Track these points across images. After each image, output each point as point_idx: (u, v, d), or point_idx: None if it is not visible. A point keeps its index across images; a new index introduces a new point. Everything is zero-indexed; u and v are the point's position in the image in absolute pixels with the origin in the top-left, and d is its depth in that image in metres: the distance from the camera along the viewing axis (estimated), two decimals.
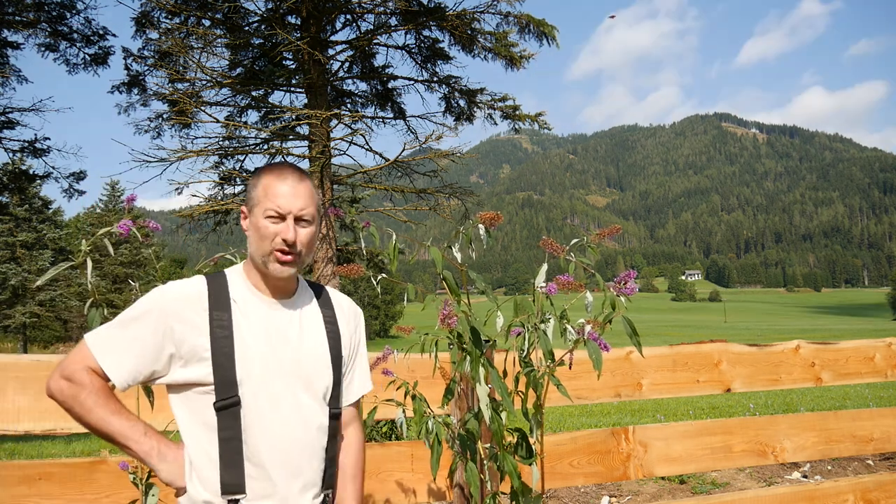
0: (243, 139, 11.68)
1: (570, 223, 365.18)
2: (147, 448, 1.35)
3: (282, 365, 1.44)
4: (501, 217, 1.49)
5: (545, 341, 1.47)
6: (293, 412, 1.44)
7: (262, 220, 1.43)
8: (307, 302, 1.56)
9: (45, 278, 1.46)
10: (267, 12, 10.56)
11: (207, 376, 1.37)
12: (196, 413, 1.39)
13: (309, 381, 1.47)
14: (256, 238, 1.44)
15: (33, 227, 32.33)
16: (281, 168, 1.47)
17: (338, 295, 1.64)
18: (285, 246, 1.42)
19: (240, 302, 1.44)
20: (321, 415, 1.49)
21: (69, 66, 13.13)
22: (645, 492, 4.65)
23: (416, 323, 5.66)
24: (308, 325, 1.52)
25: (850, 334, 49.91)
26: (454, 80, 11.82)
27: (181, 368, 1.39)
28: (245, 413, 1.38)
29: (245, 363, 1.39)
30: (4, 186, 13.89)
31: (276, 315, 1.48)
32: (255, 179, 1.48)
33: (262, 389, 1.40)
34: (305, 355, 1.48)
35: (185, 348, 1.37)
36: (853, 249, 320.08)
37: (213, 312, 1.40)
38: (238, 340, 1.40)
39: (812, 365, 2.75)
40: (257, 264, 1.46)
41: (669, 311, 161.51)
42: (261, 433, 1.39)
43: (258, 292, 1.48)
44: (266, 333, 1.44)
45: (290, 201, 1.43)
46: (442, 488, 2.18)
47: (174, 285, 1.43)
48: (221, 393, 1.37)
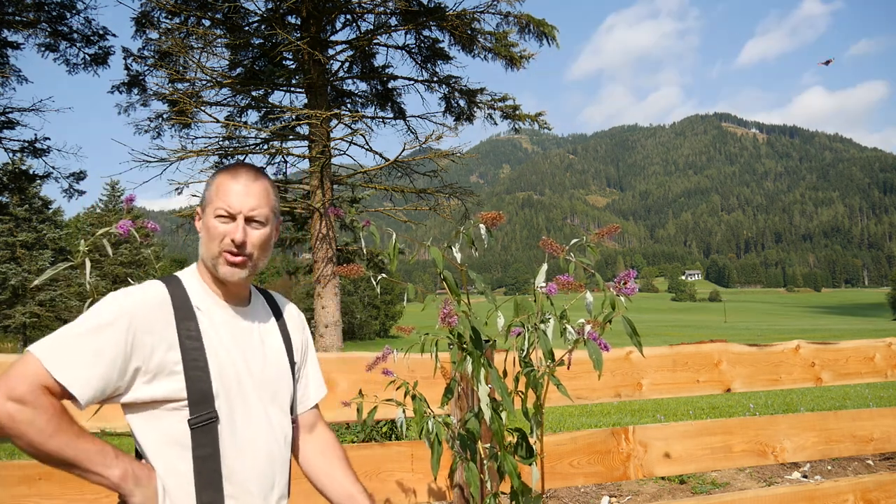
0: (243, 139, 11.69)
1: (570, 223, 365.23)
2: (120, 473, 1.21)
3: (252, 376, 1.38)
4: (503, 217, 1.49)
5: (545, 341, 1.47)
6: (266, 425, 1.39)
7: (211, 219, 1.36)
8: (262, 309, 1.51)
9: (42, 278, 1.44)
10: (267, 12, 10.57)
11: (179, 391, 1.27)
12: (165, 432, 1.28)
13: (275, 393, 1.43)
14: (206, 239, 1.37)
15: (33, 227, 32.34)
16: (236, 167, 1.41)
17: (283, 300, 1.61)
18: (233, 247, 1.34)
19: (204, 310, 1.36)
20: (287, 426, 1.46)
21: (69, 66, 13.14)
22: (645, 492, 4.65)
23: (416, 323, 5.66)
24: (267, 333, 1.48)
25: (850, 334, 49.92)
26: (454, 80, 11.83)
27: (146, 385, 1.27)
28: (222, 429, 1.30)
29: (220, 376, 1.31)
30: (4, 186, 13.89)
31: (240, 324, 1.42)
32: (212, 178, 1.42)
33: (237, 403, 1.34)
34: (269, 365, 1.43)
35: (154, 362, 1.26)
36: (853, 249, 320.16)
37: (179, 322, 1.30)
38: (210, 352, 1.32)
39: (812, 365, 2.75)
40: (208, 267, 1.38)
41: (669, 311, 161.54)
42: (239, 450, 1.32)
43: (219, 299, 1.41)
44: (235, 343, 1.38)
45: (240, 200, 1.36)
46: (442, 488, 2.18)
47: (137, 291, 1.31)
48: (197, 409, 1.28)
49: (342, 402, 1.73)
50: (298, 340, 1.56)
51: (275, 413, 1.42)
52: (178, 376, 1.27)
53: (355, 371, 2.10)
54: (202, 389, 1.28)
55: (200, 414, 1.28)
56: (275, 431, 1.41)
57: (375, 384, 2.06)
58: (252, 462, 1.34)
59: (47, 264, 30.29)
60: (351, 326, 55.05)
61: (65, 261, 1.47)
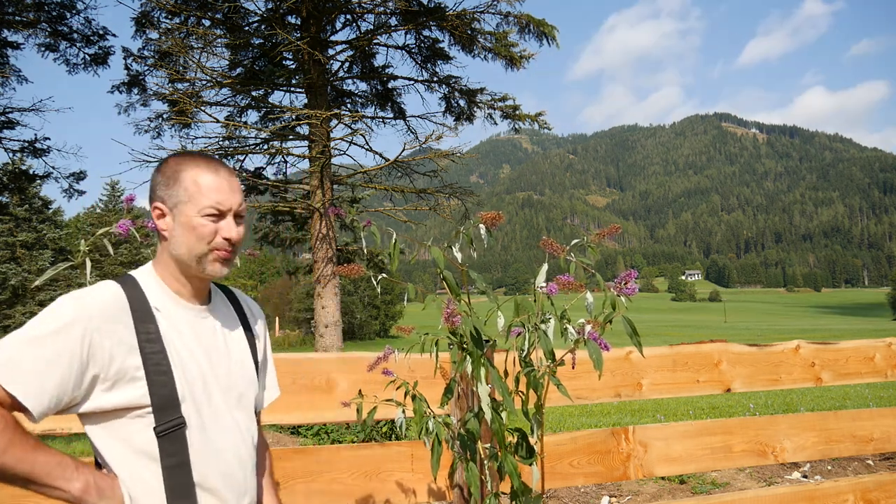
0: (243, 139, 11.69)
1: (570, 223, 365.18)
2: (81, 485, 1.14)
3: (218, 379, 1.33)
4: (503, 217, 1.49)
5: (545, 341, 1.47)
6: (234, 429, 1.34)
7: (197, 218, 1.28)
8: (224, 307, 1.45)
9: (43, 278, 1.43)
10: (267, 12, 10.57)
11: (142, 398, 1.20)
12: (128, 441, 1.21)
13: (240, 394, 1.38)
14: (191, 238, 1.28)
15: (33, 227, 32.33)
16: (208, 160, 1.33)
17: (244, 296, 1.55)
18: (228, 245, 1.30)
19: (163, 310, 1.29)
20: (254, 428, 1.42)
21: (69, 66, 13.13)
22: (645, 492, 4.65)
23: (417, 323, 5.65)
24: (230, 332, 1.42)
25: (850, 334, 49.90)
26: (454, 80, 11.83)
27: (105, 393, 1.19)
28: (191, 435, 1.24)
29: (185, 380, 1.25)
30: (4, 186, 13.88)
31: (202, 323, 1.36)
32: (175, 172, 1.31)
33: (204, 407, 1.28)
34: (235, 366, 1.38)
35: (113, 369, 1.19)
36: (853, 249, 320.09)
37: (138, 324, 1.23)
38: (173, 355, 1.25)
39: (812, 365, 2.75)
40: (187, 267, 1.31)
41: (669, 311, 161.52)
42: (209, 456, 1.27)
43: (179, 299, 1.33)
44: (199, 344, 1.32)
45: (228, 197, 1.30)
46: (442, 488, 2.18)
47: (92, 293, 1.23)
48: (163, 416, 1.21)
49: (342, 403, 1.73)
50: (262, 340, 1.52)
51: (241, 416, 1.37)
52: (140, 382, 1.20)
53: (355, 371, 2.10)
54: (167, 395, 1.22)
55: (167, 421, 1.21)
56: (243, 435, 1.36)
57: (375, 384, 2.06)
58: (224, 468, 1.29)
59: (47, 264, 30.29)
60: (351, 326, 55.04)
61: (65, 261, 1.45)
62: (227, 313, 1.44)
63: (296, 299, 58.56)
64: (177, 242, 1.30)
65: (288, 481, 2.00)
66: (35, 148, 13.14)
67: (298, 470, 2.02)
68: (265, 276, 77.46)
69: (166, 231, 1.32)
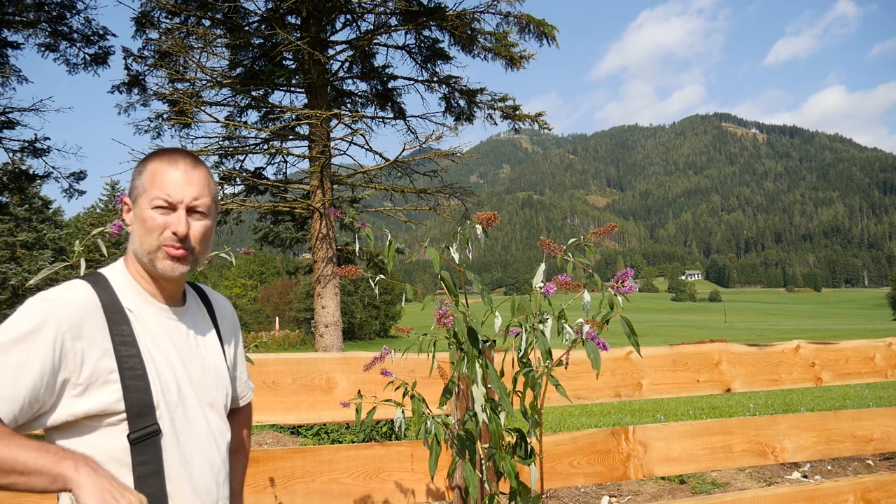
0: (243, 139, 11.69)
1: (570, 223, 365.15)
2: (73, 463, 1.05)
3: (192, 383, 1.28)
4: (498, 217, 1.48)
5: (543, 341, 1.47)
6: (207, 435, 1.29)
7: (148, 210, 1.22)
8: (197, 309, 1.40)
9: (37, 278, 1.42)
10: (267, 12, 10.57)
11: (115, 404, 1.14)
12: (98, 449, 1.14)
13: (214, 399, 1.33)
14: (141, 232, 1.23)
15: (33, 227, 32.33)
16: (172, 153, 1.27)
17: (216, 295, 1.50)
18: (176, 240, 1.22)
19: (135, 311, 1.23)
20: (227, 432, 1.37)
21: (69, 66, 13.13)
22: (645, 492, 4.65)
23: (416, 323, 5.71)
24: (204, 335, 1.37)
25: (850, 334, 49.89)
26: (454, 80, 11.83)
27: (76, 398, 1.13)
28: (165, 443, 1.19)
29: (159, 385, 1.20)
30: (4, 186, 13.88)
31: (175, 326, 1.30)
32: (142, 165, 1.27)
33: (179, 414, 1.23)
34: (208, 369, 1.34)
35: (85, 372, 1.13)
36: (853, 249, 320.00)
37: (111, 326, 1.17)
38: (147, 358, 1.20)
39: (812, 365, 2.75)
40: (143, 264, 1.25)
41: (669, 311, 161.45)
42: (183, 464, 1.22)
43: (151, 299, 1.28)
44: (173, 347, 1.27)
45: (181, 189, 1.23)
46: (441, 489, 2.18)
47: (60, 293, 1.16)
48: (137, 422, 1.15)
49: (341, 403, 1.73)
50: (232, 340, 1.48)
51: (214, 420, 1.32)
52: (114, 386, 1.14)
53: (355, 371, 2.10)
54: (142, 400, 1.16)
55: (141, 428, 1.16)
56: (217, 441, 1.32)
57: (375, 384, 2.06)
58: (197, 479, 1.24)
59: (47, 264, 30.25)
60: (351, 326, 55.05)
61: (62, 261, 1.44)
62: (199, 314, 1.39)
63: (296, 299, 58.57)
64: (133, 237, 1.26)
65: (288, 481, 1.99)
66: (35, 148, 13.14)
67: (298, 470, 2.01)
68: (265, 276, 77.45)
69: (130, 226, 1.28)
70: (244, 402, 1.57)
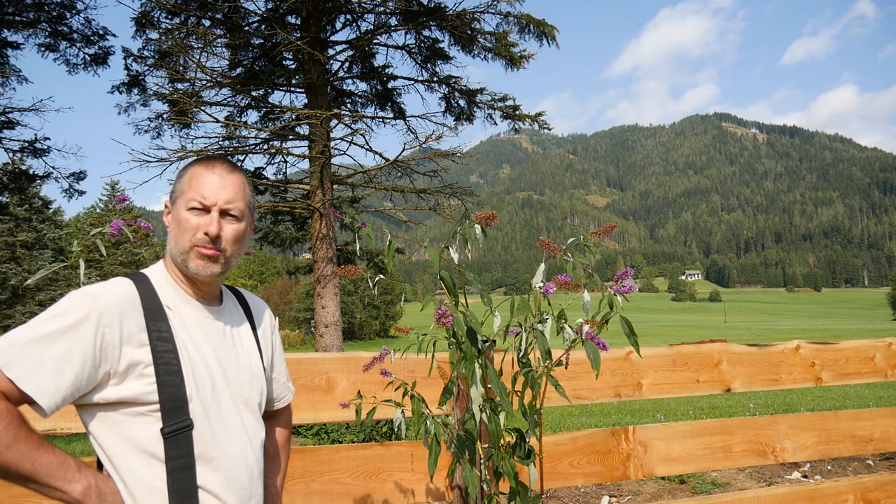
0: (243, 139, 11.68)
1: (570, 223, 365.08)
2: (82, 488, 1.10)
3: (227, 381, 1.31)
4: (497, 216, 1.48)
5: (542, 341, 1.47)
6: (241, 433, 1.31)
7: (183, 212, 1.28)
8: (234, 309, 1.43)
9: (35, 278, 1.42)
10: (267, 12, 10.56)
11: (146, 395, 1.18)
12: (132, 440, 1.18)
13: (249, 398, 1.36)
14: (177, 232, 1.28)
15: (33, 227, 32.33)
16: (212, 159, 1.33)
17: (255, 299, 1.53)
18: (207, 240, 1.27)
19: (174, 309, 1.27)
20: (261, 431, 1.40)
21: (69, 66, 13.12)
22: (645, 492, 4.65)
23: (416, 323, 5.68)
24: (239, 335, 1.40)
25: (850, 334, 49.88)
26: (454, 80, 11.82)
27: (114, 387, 1.17)
28: (197, 438, 1.21)
29: (194, 380, 1.23)
30: (4, 186, 13.88)
31: (212, 324, 1.34)
32: (184, 170, 1.34)
33: (212, 410, 1.25)
34: (243, 368, 1.36)
35: (123, 365, 1.17)
36: (853, 249, 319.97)
37: (149, 322, 1.21)
38: (183, 354, 1.23)
39: (812, 365, 2.74)
40: (178, 264, 1.30)
41: (669, 311, 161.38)
42: (215, 460, 1.23)
43: (190, 298, 1.32)
44: (210, 345, 1.30)
45: (215, 192, 1.28)
46: (441, 488, 2.18)
47: (106, 288, 1.21)
48: (171, 416, 1.18)
49: (341, 404, 1.73)
50: (270, 342, 1.51)
51: (249, 419, 1.35)
52: (149, 379, 1.18)
53: (355, 371, 2.09)
54: (176, 395, 1.19)
55: (174, 422, 1.19)
56: (251, 439, 1.34)
57: (376, 384, 2.06)
58: (229, 473, 1.26)
59: (47, 264, 30.26)
60: (351, 326, 55.06)
61: (62, 261, 1.44)
62: (236, 316, 1.43)
63: (296, 299, 58.56)
64: (169, 237, 1.31)
65: (288, 481, 1.99)
66: (35, 148, 13.13)
67: (298, 470, 2.01)
68: (265, 276, 77.46)
69: (169, 227, 1.33)
70: (282, 405, 1.57)
